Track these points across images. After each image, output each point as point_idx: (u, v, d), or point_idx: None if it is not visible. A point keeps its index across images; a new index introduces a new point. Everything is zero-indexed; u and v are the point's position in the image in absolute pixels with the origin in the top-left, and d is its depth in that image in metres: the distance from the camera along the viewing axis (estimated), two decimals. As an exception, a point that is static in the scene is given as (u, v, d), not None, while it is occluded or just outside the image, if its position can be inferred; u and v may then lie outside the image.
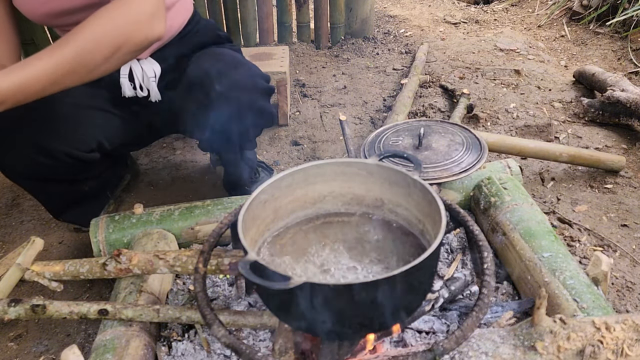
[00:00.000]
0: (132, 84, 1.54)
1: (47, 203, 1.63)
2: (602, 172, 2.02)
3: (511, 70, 2.82)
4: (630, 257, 1.61)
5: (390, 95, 2.72)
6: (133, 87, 1.54)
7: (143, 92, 1.56)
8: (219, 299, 1.40)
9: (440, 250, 1.13)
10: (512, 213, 1.50)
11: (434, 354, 0.90)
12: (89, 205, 1.70)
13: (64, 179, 1.53)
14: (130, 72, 1.53)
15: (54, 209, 1.66)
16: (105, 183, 1.75)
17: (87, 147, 1.48)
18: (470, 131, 1.75)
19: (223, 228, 1.16)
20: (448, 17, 3.90)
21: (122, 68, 1.52)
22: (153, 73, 1.54)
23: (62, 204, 1.64)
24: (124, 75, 1.53)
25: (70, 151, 1.43)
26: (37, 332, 1.44)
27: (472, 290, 1.34)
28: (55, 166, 1.44)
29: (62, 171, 1.48)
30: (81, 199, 1.66)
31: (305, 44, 3.33)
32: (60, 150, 1.41)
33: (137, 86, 1.54)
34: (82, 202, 1.67)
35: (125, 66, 1.52)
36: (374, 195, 1.20)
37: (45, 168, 1.43)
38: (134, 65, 1.53)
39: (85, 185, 1.62)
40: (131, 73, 1.53)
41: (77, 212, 1.68)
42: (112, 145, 1.56)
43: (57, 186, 1.54)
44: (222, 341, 0.94)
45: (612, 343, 0.98)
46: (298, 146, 2.32)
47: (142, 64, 1.54)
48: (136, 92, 1.55)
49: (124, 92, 1.54)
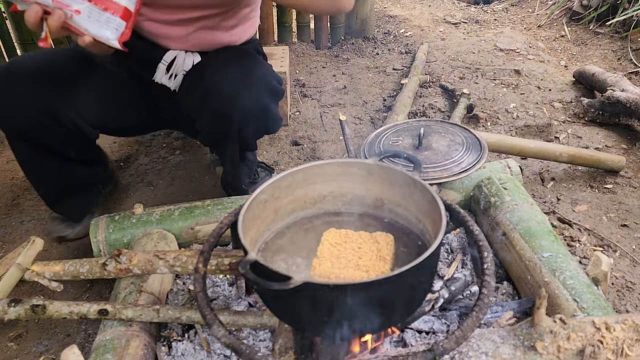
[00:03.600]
0: (167, 72, 1.56)
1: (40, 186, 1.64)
2: (602, 172, 2.02)
3: (511, 70, 2.82)
4: (630, 257, 1.61)
5: (390, 95, 2.72)
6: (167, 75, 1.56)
7: (171, 81, 1.57)
8: (219, 299, 1.40)
9: (440, 250, 1.13)
10: (512, 213, 1.50)
11: (434, 354, 0.90)
12: (81, 196, 1.71)
13: (57, 150, 1.53)
14: (172, 60, 1.54)
15: (46, 193, 1.66)
16: (94, 174, 1.77)
17: (94, 122, 1.53)
18: (470, 131, 1.75)
19: (223, 228, 1.16)
20: (448, 17, 3.90)
21: (167, 54, 1.54)
22: (190, 66, 1.55)
23: (54, 188, 1.65)
24: (165, 61, 1.54)
25: (78, 122, 1.47)
26: (37, 332, 1.44)
27: (472, 290, 1.34)
28: (56, 133, 1.45)
29: (60, 140, 1.49)
30: (73, 188, 1.67)
31: (305, 44, 3.33)
32: (69, 118, 1.44)
33: (170, 75, 1.56)
34: (75, 192, 1.68)
35: (172, 53, 1.54)
36: (374, 195, 1.20)
37: (46, 132, 1.44)
38: (179, 55, 1.54)
39: (75, 169, 1.63)
40: (172, 62, 1.55)
41: (70, 203, 1.69)
42: (115, 126, 1.62)
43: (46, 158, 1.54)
44: (222, 341, 0.94)
45: (612, 343, 0.98)
46: (298, 146, 2.32)
47: (187, 56, 1.55)
48: (165, 79, 1.57)
49: (156, 77, 1.57)
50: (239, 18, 1.57)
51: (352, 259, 1.05)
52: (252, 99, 1.43)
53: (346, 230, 1.13)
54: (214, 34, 1.54)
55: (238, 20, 1.57)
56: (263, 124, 1.54)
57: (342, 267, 1.03)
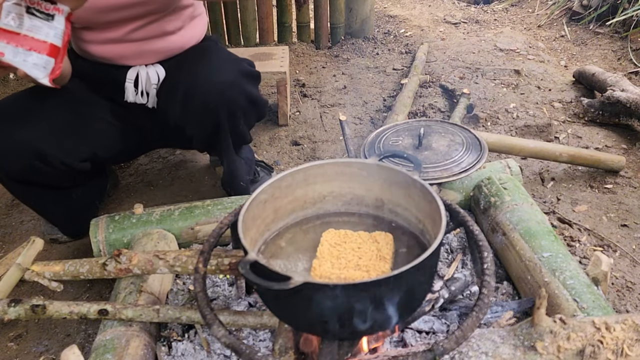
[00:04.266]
0: (136, 90, 1.56)
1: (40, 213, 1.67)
2: (602, 172, 2.02)
3: (511, 70, 2.82)
4: (630, 257, 1.61)
5: (390, 95, 2.72)
6: (136, 93, 1.57)
7: (144, 98, 1.58)
8: (219, 299, 1.40)
9: (440, 250, 1.13)
10: (512, 213, 1.50)
11: (434, 354, 0.90)
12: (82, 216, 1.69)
13: (51, 185, 1.53)
14: (137, 77, 1.55)
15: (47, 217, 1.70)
16: (91, 191, 1.75)
17: (82, 157, 1.50)
18: (470, 131, 1.75)
19: (223, 228, 1.16)
20: (448, 17, 3.90)
21: (129, 72, 1.55)
22: (157, 79, 1.56)
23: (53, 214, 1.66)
24: (129, 80, 1.55)
25: (65, 159, 1.45)
26: (37, 332, 1.44)
27: (472, 290, 1.34)
28: (47, 172, 1.45)
29: (51, 177, 1.48)
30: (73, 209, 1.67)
31: (305, 44, 3.33)
32: (57, 158, 1.43)
33: (139, 92, 1.57)
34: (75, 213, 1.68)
35: (133, 71, 1.55)
36: (374, 195, 1.20)
37: (37, 173, 1.44)
38: (141, 70, 1.55)
39: (72, 193, 1.63)
40: (137, 79, 1.55)
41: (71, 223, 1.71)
42: (105, 155, 1.58)
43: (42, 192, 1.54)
44: (222, 341, 0.94)
45: (612, 343, 0.98)
46: (298, 146, 2.32)
47: (149, 69, 1.56)
48: (137, 97, 1.57)
49: (127, 97, 1.56)
50: (182, 19, 1.57)
51: (352, 259, 1.05)
52: (232, 88, 1.44)
53: (345, 230, 1.13)
54: (164, 41, 1.55)
55: (183, 21, 1.57)
56: (250, 109, 1.54)
57: (342, 267, 1.03)
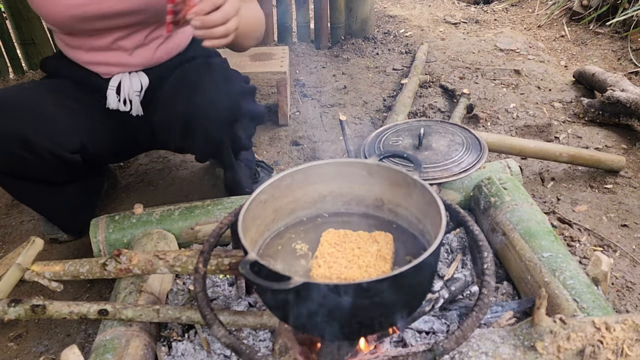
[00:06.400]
0: (119, 97, 1.55)
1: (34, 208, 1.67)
2: (602, 172, 2.02)
3: (511, 70, 2.82)
4: (630, 257, 1.61)
5: (390, 95, 2.72)
6: (119, 100, 1.55)
7: (126, 106, 1.56)
8: (219, 299, 1.40)
9: (440, 250, 1.13)
10: (512, 213, 1.50)
11: (434, 354, 0.90)
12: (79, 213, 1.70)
13: (42, 179, 1.52)
14: (119, 85, 1.54)
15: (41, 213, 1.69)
16: (87, 188, 1.74)
17: (71, 147, 1.47)
18: (470, 131, 1.75)
19: (223, 228, 1.16)
20: (448, 17, 3.90)
21: (112, 80, 1.54)
22: (139, 87, 1.55)
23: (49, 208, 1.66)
24: (112, 87, 1.54)
25: (54, 149, 1.42)
26: (37, 332, 1.44)
27: (472, 290, 1.34)
28: (36, 164, 1.42)
29: (41, 170, 1.46)
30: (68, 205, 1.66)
31: (305, 44, 3.33)
32: (44, 147, 1.40)
33: (122, 100, 1.55)
34: (71, 210, 1.68)
35: (116, 78, 1.54)
36: (374, 195, 1.20)
37: (26, 164, 1.42)
38: (124, 78, 1.54)
39: (67, 189, 1.62)
40: (119, 86, 1.54)
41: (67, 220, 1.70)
42: (95, 150, 1.55)
43: (36, 187, 1.53)
44: (222, 341, 0.94)
45: (612, 343, 0.98)
46: (298, 146, 2.32)
47: (132, 77, 1.55)
48: (119, 105, 1.56)
49: (109, 104, 1.55)
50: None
51: (352, 259, 1.05)
52: (233, 115, 1.43)
53: (345, 230, 1.13)
54: (149, 49, 1.54)
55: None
56: (250, 124, 1.54)
57: (342, 267, 1.03)
